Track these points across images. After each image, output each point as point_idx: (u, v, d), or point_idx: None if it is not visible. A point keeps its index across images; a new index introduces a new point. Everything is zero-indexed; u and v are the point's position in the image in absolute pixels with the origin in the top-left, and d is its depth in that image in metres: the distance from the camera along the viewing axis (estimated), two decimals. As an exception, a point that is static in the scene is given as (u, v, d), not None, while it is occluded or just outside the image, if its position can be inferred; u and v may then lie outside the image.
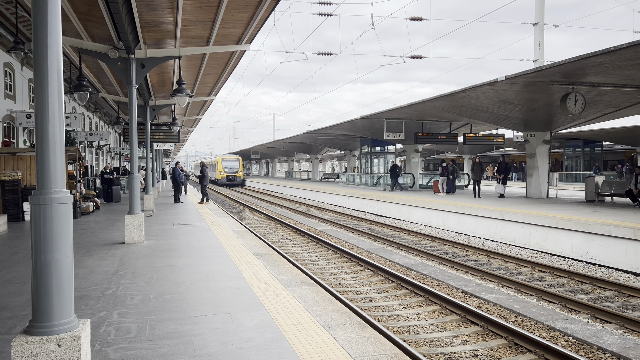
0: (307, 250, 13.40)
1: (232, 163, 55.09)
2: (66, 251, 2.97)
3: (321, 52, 21.94)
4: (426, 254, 12.46)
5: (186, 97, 10.83)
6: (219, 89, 17.27)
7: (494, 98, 16.49)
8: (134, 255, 8.66)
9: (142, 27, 9.24)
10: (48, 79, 2.90)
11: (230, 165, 54.51)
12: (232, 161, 55.59)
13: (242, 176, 55.54)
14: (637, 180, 15.25)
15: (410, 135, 24.36)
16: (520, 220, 13.64)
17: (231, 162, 55.14)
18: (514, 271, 10.80)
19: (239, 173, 54.38)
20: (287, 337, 4.49)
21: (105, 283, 6.58)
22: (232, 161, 55.59)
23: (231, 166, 54.41)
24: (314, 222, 19.78)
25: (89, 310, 5.30)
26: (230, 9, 8.54)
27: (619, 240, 10.58)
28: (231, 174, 53.47)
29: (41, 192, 2.89)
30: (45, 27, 2.90)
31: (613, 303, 8.33)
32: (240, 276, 6.98)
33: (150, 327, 4.75)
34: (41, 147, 2.90)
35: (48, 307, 2.85)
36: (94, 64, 13.49)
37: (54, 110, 2.92)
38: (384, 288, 9.32)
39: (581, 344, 6.30)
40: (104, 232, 11.84)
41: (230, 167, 54.15)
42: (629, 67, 11.79)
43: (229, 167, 54.01)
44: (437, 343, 6.48)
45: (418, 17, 20.39)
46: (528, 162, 20.52)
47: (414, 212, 19.40)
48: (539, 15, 20.56)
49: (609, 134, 33.17)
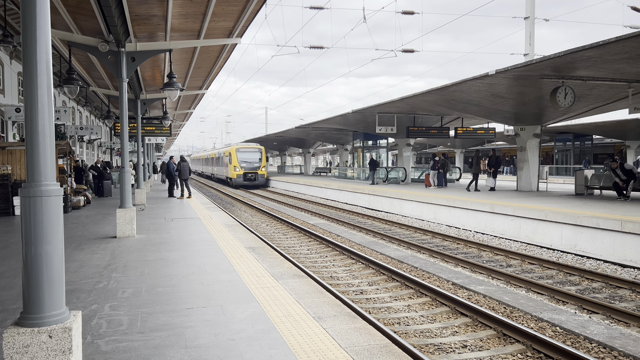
0: (300, 244, 13.44)
1: (252, 155, 39.33)
2: (57, 243, 2.98)
3: (313, 46, 21.91)
4: (417, 246, 12.54)
5: (177, 91, 10.80)
6: (211, 83, 17.21)
7: (485, 92, 16.57)
8: (126, 249, 8.66)
9: (132, 20, 9.19)
10: (37, 72, 2.90)
11: (248, 157, 39.05)
12: (251, 152, 39.49)
13: (266, 173, 40.15)
14: (617, 174, 15.46)
15: (402, 129, 24.43)
16: (511, 213, 13.76)
17: (250, 154, 39.33)
18: (503, 263, 10.91)
19: (262, 169, 38.98)
20: (278, 329, 4.53)
21: (97, 277, 6.59)
22: (251, 152, 39.49)
23: (250, 159, 39.07)
24: (306, 216, 19.82)
25: (81, 304, 5.31)
26: (221, 2, 8.51)
27: (607, 233, 10.71)
28: (251, 170, 38.46)
29: (31, 185, 2.90)
30: (34, 20, 2.90)
31: (600, 294, 8.45)
32: (232, 269, 7.01)
33: (141, 320, 4.78)
34: (31, 140, 2.90)
35: (39, 299, 2.87)
36: (84, 58, 13.39)
37: (43, 102, 2.93)
38: (375, 280, 9.39)
39: (568, 334, 6.40)
40: (95, 226, 11.81)
41: (249, 160, 38.92)
42: (617, 61, 11.89)
43: (248, 161, 38.81)
44: (427, 334, 6.55)
45: (410, 11, 20.41)
46: (518, 156, 20.67)
47: (406, 205, 19.49)
48: (529, 10, 20.65)
49: (598, 128, 33.43)
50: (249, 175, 38.31)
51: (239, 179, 38.19)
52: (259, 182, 38.87)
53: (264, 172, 39.30)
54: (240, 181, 38.20)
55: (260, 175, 38.92)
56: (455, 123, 26.32)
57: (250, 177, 38.31)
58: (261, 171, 38.98)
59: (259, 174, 38.81)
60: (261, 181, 39.23)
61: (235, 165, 38.45)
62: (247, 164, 38.63)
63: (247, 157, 39.04)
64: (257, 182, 38.71)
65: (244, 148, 39.94)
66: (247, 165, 38.59)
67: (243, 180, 38.14)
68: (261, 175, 39.04)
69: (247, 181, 38.28)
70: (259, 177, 38.81)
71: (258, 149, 40.06)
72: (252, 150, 39.90)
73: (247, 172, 38.35)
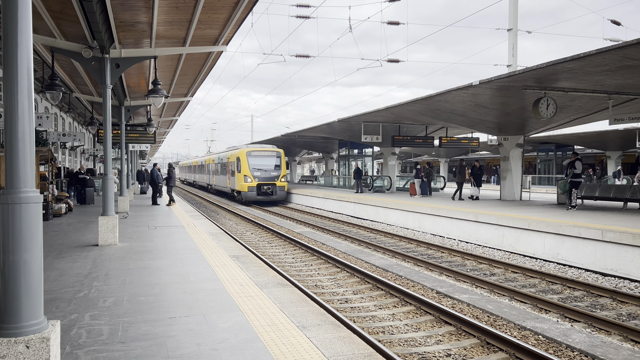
0: (284, 253, 13.39)
1: (268, 160, 29.93)
2: (35, 251, 2.93)
3: (299, 55, 21.97)
4: (402, 255, 12.57)
5: (162, 98, 10.74)
6: (196, 90, 17.14)
7: (469, 102, 16.75)
8: (107, 257, 8.53)
9: (116, 26, 9.13)
10: (17, 77, 2.86)
11: (264, 164, 29.60)
12: (267, 156, 30.10)
13: (286, 186, 30.63)
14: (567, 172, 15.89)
15: (388, 138, 24.57)
16: (494, 222, 13.87)
17: (266, 159, 29.92)
18: (487, 272, 10.98)
19: (281, 180, 29.71)
20: (262, 338, 4.49)
21: (77, 285, 6.48)
22: (267, 156, 30.10)
23: (266, 166, 29.57)
24: (291, 224, 19.76)
25: (60, 313, 5.21)
26: (207, 10, 8.50)
27: (588, 242, 10.85)
28: (267, 181, 29.08)
29: (10, 192, 2.84)
30: (15, 24, 2.86)
31: (582, 303, 8.54)
32: (216, 278, 6.95)
33: (122, 329, 4.70)
34: (10, 146, 2.85)
35: (16, 308, 2.81)
36: (67, 63, 13.25)
37: (23, 108, 2.88)
38: (360, 289, 9.38)
39: (551, 343, 6.45)
40: (76, 234, 11.63)
41: (264, 167, 29.42)
42: (597, 73, 12.12)
43: (263, 168, 29.31)
44: (412, 343, 6.55)
45: (395, 22, 20.62)
46: (502, 165, 20.89)
47: (391, 214, 19.55)
48: (512, 22, 21.00)
49: (580, 139, 33.98)
50: (264, 187, 28.78)
51: (251, 192, 28.61)
52: (277, 197, 29.44)
53: (284, 184, 29.75)
54: (253, 195, 28.66)
55: (280, 188, 29.44)
56: (440, 132, 26.55)
57: (267, 190, 28.83)
58: (280, 182, 29.44)
59: (278, 185, 29.28)
60: (280, 196, 29.64)
61: (247, 174, 28.80)
62: (262, 173, 29.08)
63: (262, 164, 29.45)
64: (276, 197, 29.34)
65: (257, 151, 30.18)
66: (263, 175, 29.05)
67: (257, 195, 28.67)
68: (280, 188, 29.47)
69: (262, 195, 28.80)
70: (278, 190, 29.28)
71: (275, 152, 30.53)
72: (269, 154, 30.29)
73: (263, 183, 28.80)
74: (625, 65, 11.00)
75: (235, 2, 8.15)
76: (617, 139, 31.31)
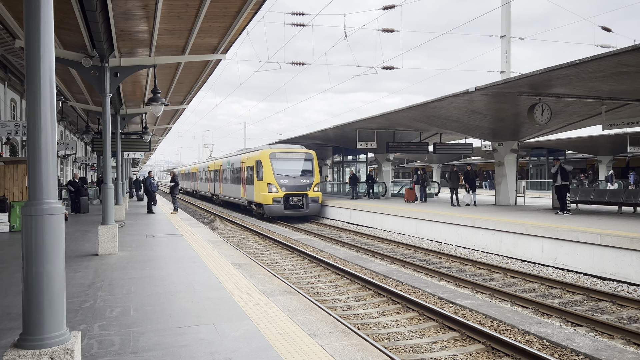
0: (283, 260, 13.37)
1: (297, 164, 24.23)
2: (58, 262, 2.93)
3: (295, 62, 22.04)
4: (401, 261, 12.61)
5: (161, 106, 10.72)
6: (192, 98, 17.14)
7: (464, 108, 16.88)
8: (109, 267, 8.49)
9: (117, 35, 9.14)
10: (40, 89, 2.89)
11: (292, 169, 23.96)
12: (295, 159, 24.34)
13: (320, 196, 24.49)
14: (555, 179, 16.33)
15: (382, 144, 24.67)
16: (492, 228, 13.96)
17: (294, 162, 24.22)
18: (486, 277, 11.04)
19: (314, 189, 23.89)
20: (274, 346, 4.49)
21: (82, 295, 6.44)
22: (295, 159, 24.34)
23: (295, 171, 23.94)
24: (287, 231, 19.73)
25: (68, 324, 5.10)
26: (208, 19, 8.53)
27: (586, 246, 10.95)
28: (297, 191, 23.46)
29: (33, 203, 2.85)
30: (38, 38, 2.89)
31: (582, 307, 8.62)
32: (221, 286, 6.93)
33: (133, 339, 4.68)
34: (33, 158, 2.86)
35: (40, 320, 2.81)
36: (62, 72, 13.19)
37: (46, 119, 2.90)
38: (362, 296, 9.39)
39: (555, 347, 6.50)
40: (75, 243, 11.55)
41: (292, 173, 23.78)
42: (592, 79, 12.28)
43: (291, 175, 23.69)
44: (417, 349, 6.57)
45: (390, 29, 20.77)
46: (496, 171, 21.04)
47: (387, 220, 19.60)
48: (505, 29, 21.23)
49: (571, 143, 34.29)
50: (294, 199, 23.25)
51: (277, 205, 22.88)
52: (310, 212, 23.83)
53: (317, 194, 23.90)
54: (279, 210, 22.97)
55: (313, 200, 23.65)
56: (434, 138, 26.71)
57: (297, 202, 23.32)
58: (313, 192, 23.70)
59: (311, 197, 23.57)
60: (314, 209, 23.92)
61: (271, 181, 23.10)
62: (290, 181, 23.44)
63: (290, 169, 23.82)
64: (308, 212, 23.73)
65: (284, 153, 24.33)
66: (291, 183, 23.40)
67: (284, 209, 23.03)
68: (314, 200, 23.70)
69: (290, 209, 23.23)
70: (311, 202, 23.58)
71: (306, 153, 24.74)
72: (298, 156, 24.48)
73: (292, 193, 23.24)
74: (620, 71, 11.17)
75: (236, 11, 8.19)
76: (608, 143, 31.65)
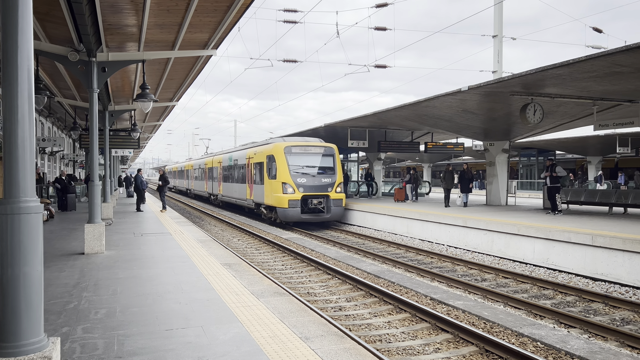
0: (274, 259, 13.22)
1: (316, 159, 20.67)
2: (35, 264, 2.77)
3: (287, 60, 21.84)
4: (392, 261, 12.51)
5: (150, 103, 10.52)
6: (182, 94, 16.90)
7: (456, 107, 16.82)
8: (95, 267, 8.28)
9: (105, 29, 8.91)
10: (18, 80, 2.71)
11: (310, 165, 20.45)
12: (314, 154, 20.73)
13: (344, 198, 20.69)
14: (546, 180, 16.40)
15: (374, 143, 24.57)
16: (483, 228, 13.90)
17: (313, 158, 20.66)
18: (478, 277, 10.97)
19: (336, 189, 20.20)
20: (265, 351, 4.35)
21: (66, 296, 6.25)
22: (314, 154, 20.73)
23: (314, 169, 20.43)
24: (278, 231, 19.55)
25: (50, 326, 4.99)
26: (199, 13, 8.34)
27: (578, 247, 10.91)
28: (317, 192, 19.83)
29: (9, 201, 2.68)
30: (15, 27, 2.71)
31: (575, 308, 8.56)
32: (210, 287, 6.77)
33: (118, 343, 4.51)
34: (9, 153, 2.69)
35: (16, 326, 2.64)
36: (49, 67, 12.91)
37: (23, 113, 2.73)
38: (353, 296, 9.27)
39: (550, 349, 6.41)
40: (60, 242, 11.31)
41: (311, 171, 20.29)
42: (584, 80, 12.25)
43: (309, 173, 20.19)
44: (410, 352, 6.46)
45: (382, 27, 20.66)
46: (488, 171, 21.02)
47: (379, 219, 19.50)
48: (497, 29, 21.22)
49: (561, 144, 34.45)
50: (314, 202, 19.70)
51: (294, 209, 19.37)
52: (332, 216, 20.22)
53: (340, 196, 20.34)
54: (296, 214, 19.44)
55: (335, 202, 20.05)
56: (425, 138, 26.66)
57: (317, 205, 19.73)
58: (336, 194, 20.14)
59: (333, 199, 19.97)
60: (336, 214, 20.33)
61: (286, 180, 19.63)
62: (309, 180, 19.94)
63: (308, 165, 20.36)
64: (330, 217, 20.12)
65: (301, 147, 20.60)
66: (310, 182, 19.90)
67: (302, 213, 19.52)
68: (336, 202, 20.10)
69: (309, 214, 19.71)
70: (332, 205, 19.93)
71: (325, 147, 20.95)
72: (317, 150, 20.81)
73: (311, 195, 19.69)
74: (614, 71, 11.14)
75: (228, 5, 8.01)
76: (597, 144, 31.83)
